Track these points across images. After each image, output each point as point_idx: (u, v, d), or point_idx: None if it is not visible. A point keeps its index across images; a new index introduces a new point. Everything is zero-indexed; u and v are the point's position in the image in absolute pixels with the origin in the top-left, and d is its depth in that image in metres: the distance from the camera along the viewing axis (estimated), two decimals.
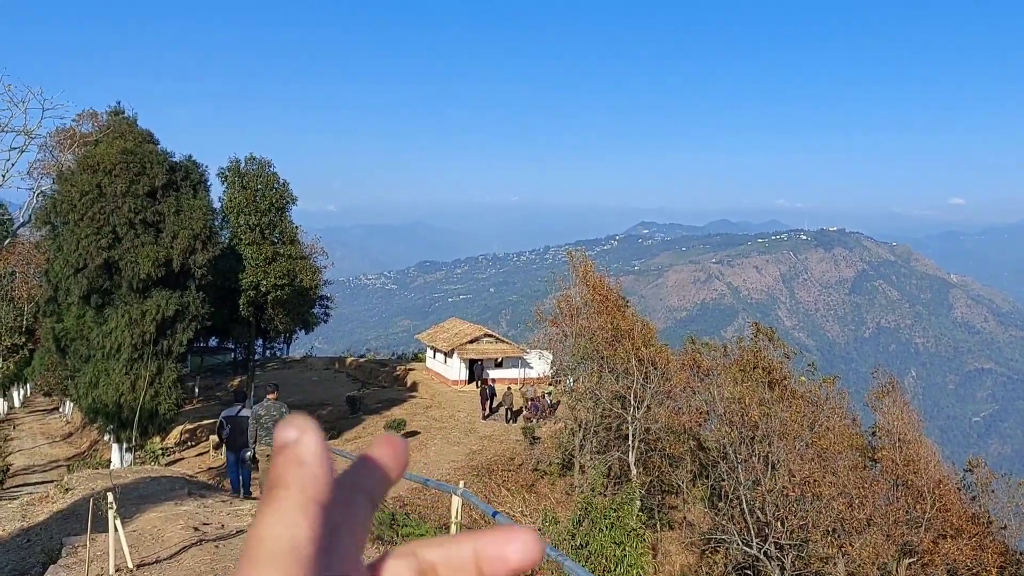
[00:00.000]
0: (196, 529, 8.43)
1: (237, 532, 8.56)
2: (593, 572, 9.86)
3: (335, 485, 0.61)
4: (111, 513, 6.42)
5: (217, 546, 7.80)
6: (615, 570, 10.49)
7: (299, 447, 0.58)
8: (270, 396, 13.92)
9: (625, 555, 10.71)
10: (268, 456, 13.91)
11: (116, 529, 6.53)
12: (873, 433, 29.42)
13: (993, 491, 24.89)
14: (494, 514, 5.02)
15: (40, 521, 10.92)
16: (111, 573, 6.62)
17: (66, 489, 13.31)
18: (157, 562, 7.18)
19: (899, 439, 24.34)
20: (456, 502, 5.63)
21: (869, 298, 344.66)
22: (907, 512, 22.07)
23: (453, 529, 5.58)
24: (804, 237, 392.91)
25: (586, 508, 11.97)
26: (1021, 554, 22.07)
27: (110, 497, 6.41)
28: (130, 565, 6.81)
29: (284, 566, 0.52)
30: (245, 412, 14.76)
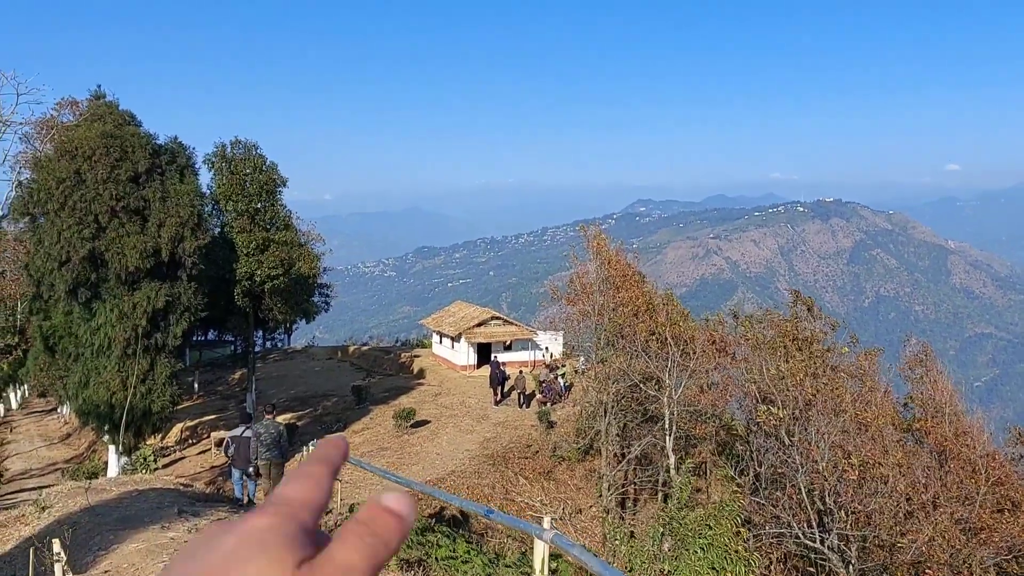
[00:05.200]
0: None
1: None
2: None
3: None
4: (58, 568, 4.77)
5: None
6: None
7: (407, 521, 0.69)
8: (268, 416, 16.11)
9: None
10: (269, 467, 15.24)
11: None
12: (905, 405, 27.87)
13: None
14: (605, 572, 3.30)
15: (6, 551, 9.27)
16: None
17: (43, 508, 11.66)
18: None
19: (945, 411, 22.80)
20: (542, 550, 3.89)
21: (867, 267, 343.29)
22: (960, 487, 20.58)
23: None
24: (801, 209, 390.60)
25: (670, 523, 10.23)
26: None
27: (56, 546, 4.76)
28: None
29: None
30: (248, 433, 15.75)
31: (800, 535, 15.35)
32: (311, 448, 10.31)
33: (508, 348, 45.61)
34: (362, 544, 0.67)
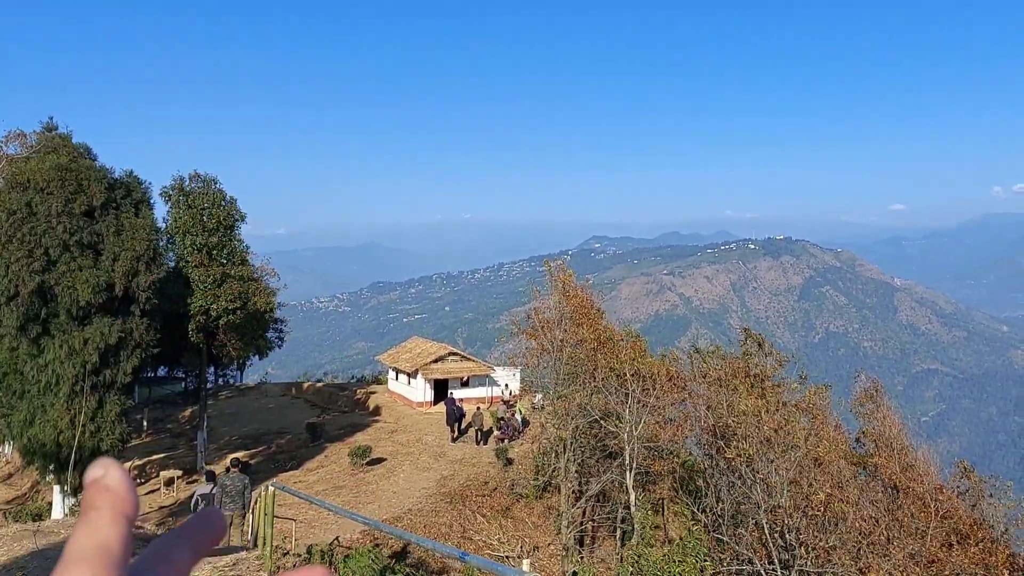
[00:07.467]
0: None
1: None
2: None
3: (161, 538, 0.69)
4: None
5: None
6: None
7: (106, 478, 0.63)
8: (233, 469, 17.57)
9: None
10: (232, 517, 16.33)
11: None
12: (857, 440, 28.41)
13: (991, 495, 24.01)
14: None
15: None
16: None
17: None
18: None
19: (895, 445, 23.31)
20: None
21: (817, 304, 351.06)
22: (911, 521, 20.99)
23: None
24: (752, 246, 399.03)
25: (637, 561, 10.27)
26: None
27: None
28: None
29: (93, 564, 0.59)
30: (216, 491, 16.74)
31: (762, 572, 15.51)
32: (266, 489, 10.17)
33: (465, 384, 45.46)
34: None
